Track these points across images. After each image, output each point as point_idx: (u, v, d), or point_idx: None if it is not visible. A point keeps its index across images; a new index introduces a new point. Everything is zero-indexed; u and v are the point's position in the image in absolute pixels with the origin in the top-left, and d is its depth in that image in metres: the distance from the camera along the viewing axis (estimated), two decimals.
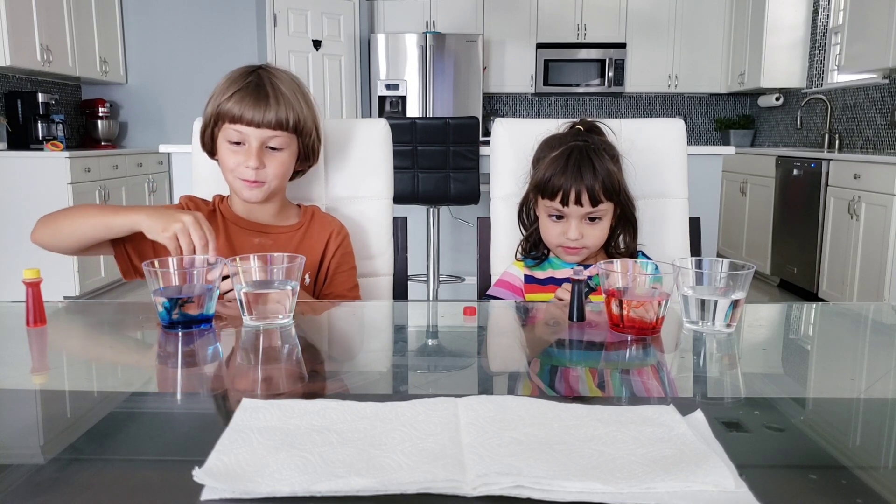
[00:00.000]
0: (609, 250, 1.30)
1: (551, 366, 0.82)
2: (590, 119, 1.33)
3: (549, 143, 1.28)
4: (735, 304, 0.88)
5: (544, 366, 0.83)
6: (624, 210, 1.26)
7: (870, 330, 1.03)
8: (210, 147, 1.26)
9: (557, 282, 1.27)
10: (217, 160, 1.26)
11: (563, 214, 1.23)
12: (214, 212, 1.29)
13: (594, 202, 1.20)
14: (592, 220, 1.23)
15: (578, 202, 1.20)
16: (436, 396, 0.63)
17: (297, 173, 1.31)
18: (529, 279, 1.30)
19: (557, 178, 1.20)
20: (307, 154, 1.27)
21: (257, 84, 1.19)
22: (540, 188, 1.23)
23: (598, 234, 1.24)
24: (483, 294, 1.38)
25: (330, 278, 1.29)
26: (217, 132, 1.22)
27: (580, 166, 1.20)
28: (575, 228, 1.22)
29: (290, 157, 1.23)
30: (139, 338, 0.90)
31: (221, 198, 1.32)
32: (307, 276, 1.25)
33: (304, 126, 1.22)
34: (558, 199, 1.21)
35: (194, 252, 1.03)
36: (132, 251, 1.18)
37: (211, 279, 0.88)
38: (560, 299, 1.19)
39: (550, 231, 1.26)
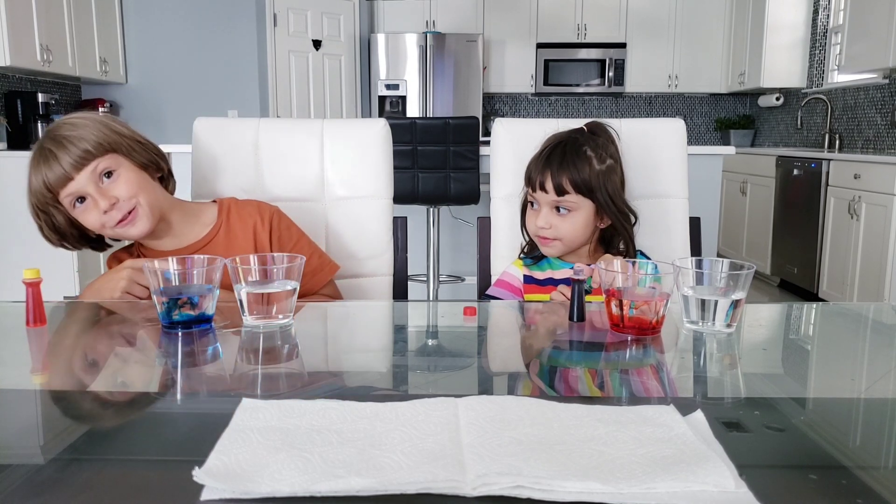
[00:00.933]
0: (609, 252, 1.30)
1: (551, 366, 0.82)
2: (599, 120, 1.34)
3: (548, 139, 1.31)
4: (735, 304, 0.88)
5: (544, 366, 0.83)
6: (609, 214, 1.25)
7: (870, 330, 1.03)
8: (76, 236, 1.18)
9: (556, 282, 1.27)
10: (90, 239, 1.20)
11: (536, 202, 1.27)
12: (132, 254, 1.23)
13: (558, 192, 1.23)
14: (560, 210, 1.25)
15: (543, 188, 1.24)
16: (436, 396, 0.63)
17: (163, 180, 1.23)
18: (528, 279, 1.31)
19: (535, 166, 1.26)
20: (148, 165, 1.19)
21: (40, 150, 1.16)
22: (525, 177, 1.29)
23: (568, 226, 1.25)
24: (482, 294, 1.38)
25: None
26: (58, 207, 1.16)
27: (551, 155, 1.24)
28: (544, 216, 1.25)
29: (131, 172, 1.15)
30: (139, 338, 0.90)
31: (134, 243, 1.25)
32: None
33: (116, 143, 1.15)
34: (531, 185, 1.27)
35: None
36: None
37: (211, 279, 0.88)
38: (562, 295, 1.19)
39: (529, 219, 1.31)
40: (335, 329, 1.01)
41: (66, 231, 1.17)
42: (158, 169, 1.21)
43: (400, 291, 1.46)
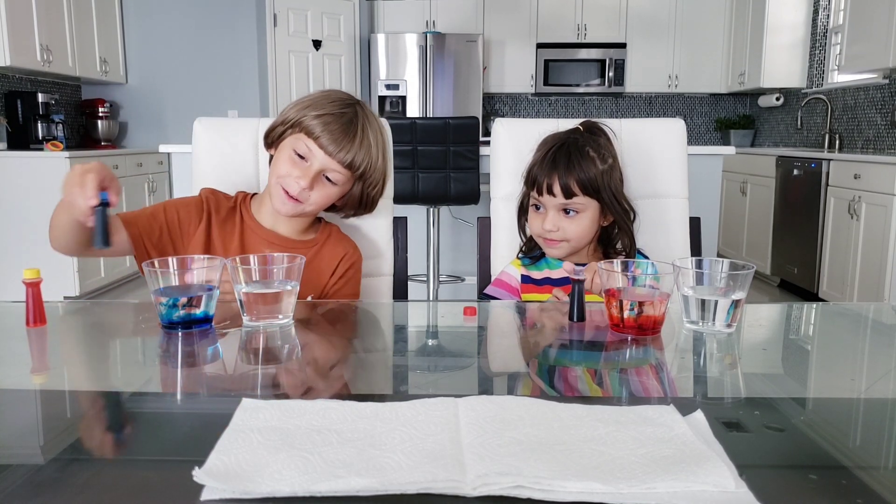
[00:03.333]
0: (608, 252, 1.30)
1: (551, 366, 0.82)
2: (593, 120, 1.34)
3: (545, 141, 1.30)
4: (735, 304, 0.88)
5: (544, 366, 0.83)
6: (613, 212, 1.26)
7: (870, 330, 1.03)
8: (272, 142, 1.24)
9: (554, 282, 1.27)
10: (271, 157, 1.25)
11: (542, 205, 1.26)
12: (235, 209, 1.27)
13: (567, 194, 1.22)
14: (569, 212, 1.24)
15: (551, 192, 1.23)
16: (436, 396, 0.63)
17: (336, 208, 1.28)
18: (526, 279, 1.31)
19: (538, 168, 1.25)
20: (363, 202, 1.26)
21: (350, 120, 1.19)
22: (526, 180, 1.28)
23: (575, 228, 1.25)
24: (480, 293, 1.38)
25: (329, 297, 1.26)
26: (286, 136, 1.20)
27: (556, 158, 1.23)
28: (551, 219, 1.24)
29: (339, 194, 1.23)
30: (139, 338, 0.90)
31: (245, 195, 1.30)
32: (310, 297, 1.21)
33: (372, 175, 1.22)
34: (536, 188, 1.25)
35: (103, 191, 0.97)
36: (147, 240, 1.17)
37: (211, 279, 0.88)
38: (557, 299, 1.19)
39: (533, 222, 1.29)
40: (335, 329, 1.00)
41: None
42: (361, 207, 1.28)
43: (400, 291, 1.45)
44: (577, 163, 1.22)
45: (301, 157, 1.18)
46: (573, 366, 0.81)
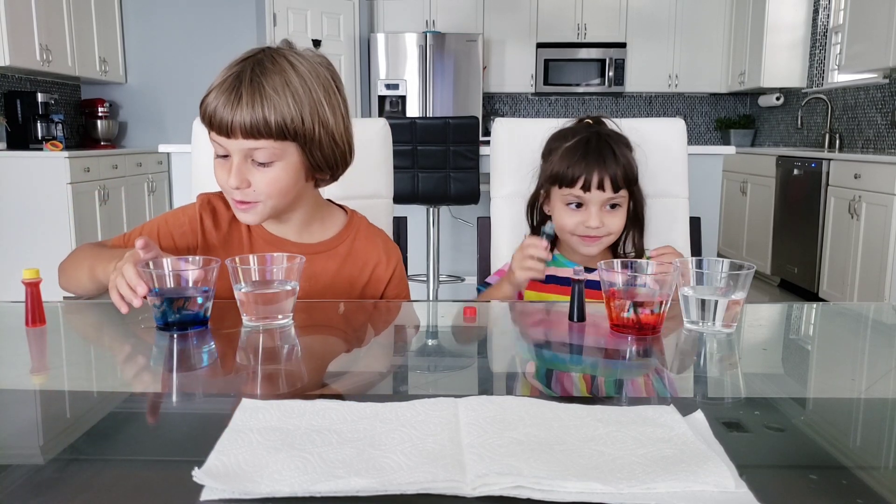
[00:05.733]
0: (617, 251, 1.29)
1: (551, 366, 0.82)
2: (595, 115, 1.33)
3: (562, 135, 1.28)
4: (735, 304, 0.87)
5: (544, 366, 0.82)
6: (636, 206, 1.25)
7: (870, 330, 1.03)
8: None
9: (559, 281, 1.27)
10: None
11: (583, 202, 1.22)
12: (237, 221, 1.09)
13: (615, 188, 1.19)
14: (612, 207, 1.22)
15: (601, 187, 1.19)
16: (436, 397, 0.63)
17: (319, 181, 1.08)
18: None
19: (578, 164, 1.19)
20: (319, 164, 1.01)
21: (235, 79, 0.95)
22: (558, 177, 1.22)
23: (618, 221, 1.24)
24: (482, 281, 1.37)
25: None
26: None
27: (601, 152, 1.19)
28: (595, 216, 1.21)
29: (288, 171, 0.99)
30: (139, 338, 0.90)
31: None
32: (341, 305, 1.04)
33: (305, 129, 0.96)
34: (579, 185, 1.20)
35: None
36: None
37: (207, 281, 0.88)
38: (532, 257, 1.12)
39: (568, 221, 1.24)
40: (335, 329, 1.00)
41: None
42: (328, 171, 1.05)
43: None
44: (622, 154, 1.20)
45: (222, 156, 0.99)
46: (573, 366, 0.81)
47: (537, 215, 1.33)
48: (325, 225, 1.13)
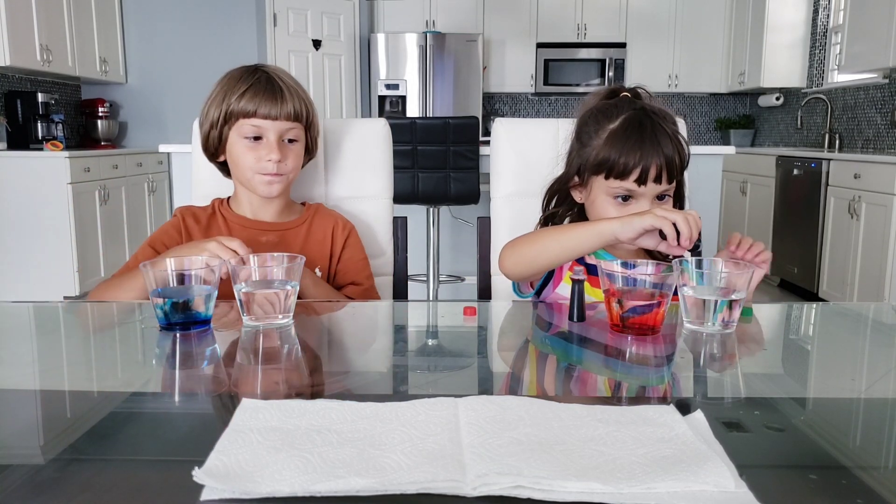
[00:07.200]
0: (653, 251, 1.06)
1: (551, 366, 0.82)
2: (630, 87, 1.17)
3: (601, 113, 1.10)
4: (735, 304, 0.87)
5: (544, 366, 0.83)
6: (680, 195, 1.14)
7: (870, 330, 1.03)
8: (215, 149, 1.25)
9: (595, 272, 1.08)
10: (222, 162, 1.27)
11: (634, 195, 1.06)
12: (214, 215, 1.29)
13: (671, 178, 1.05)
14: (661, 198, 1.08)
15: (657, 179, 1.03)
16: (436, 396, 0.63)
17: (305, 162, 1.32)
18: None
19: (632, 153, 1.03)
20: (310, 147, 1.30)
21: (268, 80, 1.21)
22: (605, 166, 1.05)
23: None
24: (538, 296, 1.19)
25: (342, 271, 1.30)
26: (227, 132, 1.22)
27: (656, 136, 1.03)
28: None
29: (301, 149, 1.26)
30: (139, 338, 0.90)
31: (221, 201, 1.31)
32: (318, 269, 1.26)
33: (312, 119, 1.26)
34: (633, 177, 1.04)
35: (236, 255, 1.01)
36: None
37: (208, 281, 0.88)
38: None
39: (611, 214, 1.08)
40: (335, 329, 1.00)
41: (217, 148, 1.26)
42: (312, 153, 1.32)
43: (400, 291, 1.45)
44: (677, 141, 1.05)
45: (255, 138, 1.21)
46: (573, 366, 0.81)
47: (559, 204, 1.17)
48: (292, 209, 1.34)
